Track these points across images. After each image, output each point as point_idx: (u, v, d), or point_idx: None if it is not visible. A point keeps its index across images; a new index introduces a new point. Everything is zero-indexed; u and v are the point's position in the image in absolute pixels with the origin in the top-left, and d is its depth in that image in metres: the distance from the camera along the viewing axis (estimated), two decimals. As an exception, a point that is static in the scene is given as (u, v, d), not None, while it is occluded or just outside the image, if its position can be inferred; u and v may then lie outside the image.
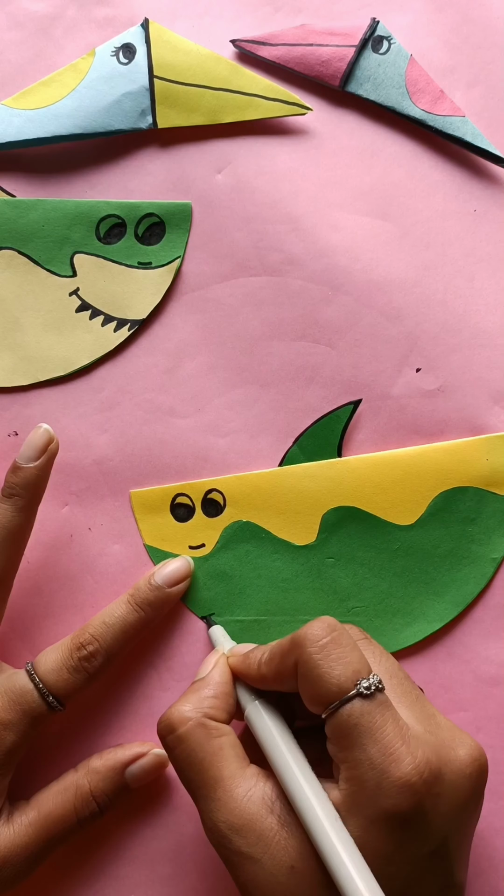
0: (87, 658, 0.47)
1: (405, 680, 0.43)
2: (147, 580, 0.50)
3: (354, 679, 0.39)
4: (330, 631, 0.40)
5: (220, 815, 0.40)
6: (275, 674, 0.42)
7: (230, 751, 0.41)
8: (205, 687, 0.44)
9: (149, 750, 0.49)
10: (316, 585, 0.51)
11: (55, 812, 0.47)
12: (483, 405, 0.52)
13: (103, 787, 0.47)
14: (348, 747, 0.38)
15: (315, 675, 0.39)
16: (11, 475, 0.48)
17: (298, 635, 0.40)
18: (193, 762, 0.41)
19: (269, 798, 0.40)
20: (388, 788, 0.37)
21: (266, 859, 0.38)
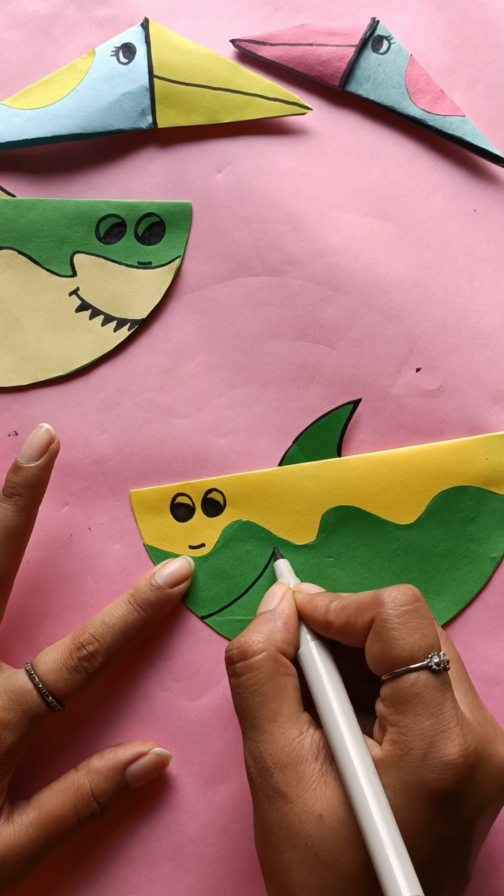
0: (86, 658, 0.47)
1: (462, 669, 0.43)
2: (148, 580, 0.50)
3: (427, 651, 0.39)
4: (414, 600, 0.40)
5: (269, 748, 0.40)
6: (343, 623, 0.42)
7: (293, 692, 0.42)
8: (275, 619, 0.44)
9: (149, 749, 0.49)
10: (315, 584, 0.51)
11: (55, 812, 0.47)
12: (483, 405, 0.52)
13: (104, 787, 0.47)
14: (403, 712, 0.38)
15: (390, 636, 0.39)
16: (12, 475, 0.48)
17: (381, 594, 0.40)
18: (257, 692, 0.42)
19: (317, 745, 0.40)
20: (434, 762, 0.37)
21: (299, 802, 0.39)
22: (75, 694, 0.47)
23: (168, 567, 0.51)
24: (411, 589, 0.41)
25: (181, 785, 0.51)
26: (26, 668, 0.47)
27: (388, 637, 0.39)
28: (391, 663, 0.39)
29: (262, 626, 0.44)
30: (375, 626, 0.40)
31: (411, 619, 0.40)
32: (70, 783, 0.48)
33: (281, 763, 0.40)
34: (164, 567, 0.51)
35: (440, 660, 0.39)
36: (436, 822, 0.38)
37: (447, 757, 0.37)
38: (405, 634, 0.39)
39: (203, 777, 0.51)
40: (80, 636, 0.48)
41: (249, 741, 0.42)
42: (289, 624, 0.44)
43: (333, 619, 0.43)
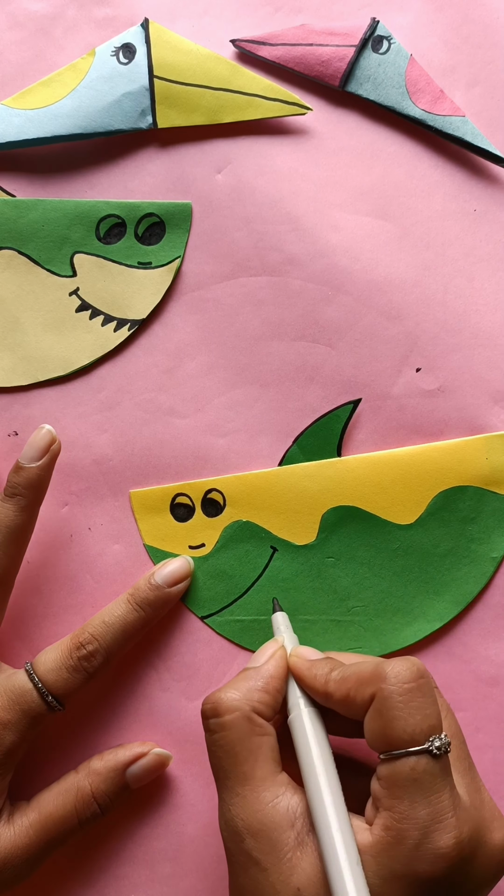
0: (86, 657, 0.47)
1: (463, 745, 0.42)
2: (147, 580, 0.50)
3: (429, 734, 0.38)
4: (418, 676, 0.39)
5: (241, 812, 0.39)
6: (343, 696, 0.40)
7: (268, 752, 0.41)
8: (257, 678, 0.43)
9: (149, 750, 0.49)
10: (316, 585, 0.51)
11: (56, 813, 0.47)
12: (483, 405, 0.52)
13: (104, 788, 0.47)
14: (399, 797, 0.37)
15: (391, 715, 0.38)
16: (14, 475, 0.48)
17: (383, 668, 0.39)
18: (229, 752, 0.41)
19: (293, 812, 0.39)
20: (427, 854, 0.36)
21: (273, 872, 0.38)
22: (75, 693, 0.47)
23: (167, 566, 0.51)
24: (416, 664, 0.39)
25: (181, 785, 0.51)
26: (26, 667, 0.47)
27: (389, 717, 0.38)
28: (390, 744, 0.38)
29: (241, 684, 0.43)
30: (376, 703, 0.38)
31: (414, 697, 0.38)
32: (70, 785, 0.48)
33: (253, 829, 0.39)
34: (163, 566, 0.51)
35: (441, 743, 0.37)
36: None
37: (441, 849, 0.36)
38: (407, 714, 0.38)
39: (203, 777, 0.51)
40: (79, 636, 0.48)
41: (222, 802, 0.41)
42: (270, 685, 0.43)
43: (333, 691, 0.41)
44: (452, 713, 0.43)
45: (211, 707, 0.42)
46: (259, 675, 0.43)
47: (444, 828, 0.36)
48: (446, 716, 0.42)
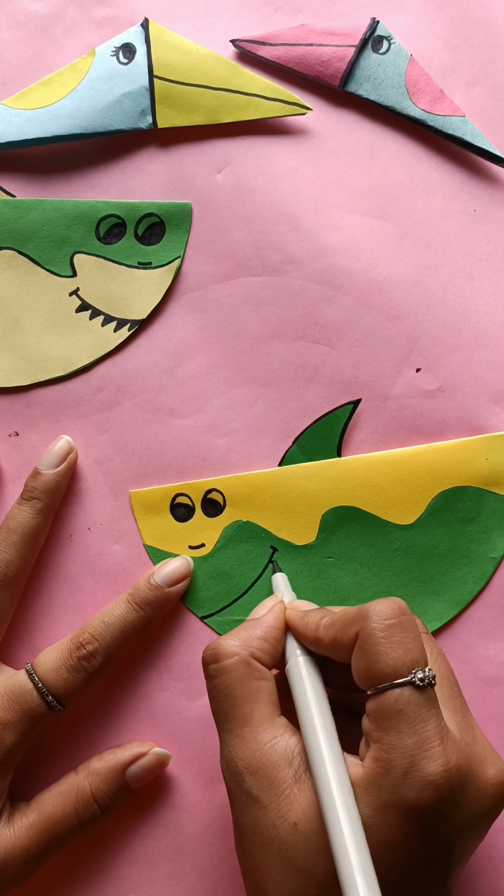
0: (86, 657, 0.47)
1: (454, 686, 0.43)
2: (146, 579, 0.50)
3: (411, 667, 0.38)
4: (399, 613, 0.39)
5: (241, 753, 0.40)
6: (331, 639, 0.41)
7: (266, 696, 0.42)
8: (257, 627, 0.44)
9: (149, 749, 0.49)
10: (316, 585, 0.51)
11: (56, 814, 0.47)
12: (483, 405, 0.52)
13: (104, 789, 0.47)
14: (386, 729, 0.38)
15: (374, 651, 0.39)
16: (32, 480, 0.51)
17: (366, 608, 0.40)
18: (228, 695, 0.42)
19: (290, 751, 0.40)
20: (414, 780, 0.37)
21: (272, 808, 0.39)
22: (75, 693, 0.47)
23: (167, 566, 0.51)
24: (397, 602, 0.40)
25: (181, 785, 0.51)
26: (26, 668, 0.47)
27: (372, 652, 0.39)
28: (375, 678, 0.38)
29: (241, 632, 0.44)
30: (360, 641, 0.39)
31: (395, 632, 0.39)
32: (70, 785, 0.48)
33: (252, 768, 0.40)
34: (162, 566, 0.51)
35: (424, 675, 0.38)
36: (412, 839, 0.37)
37: (428, 776, 0.37)
38: (389, 649, 0.38)
39: (203, 777, 0.51)
40: (79, 636, 0.48)
41: (223, 745, 0.41)
42: (269, 634, 0.44)
43: (322, 636, 0.42)
44: (443, 656, 0.44)
45: (211, 653, 0.43)
46: (258, 625, 0.44)
47: (430, 756, 0.37)
48: (436, 658, 0.43)
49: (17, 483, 0.53)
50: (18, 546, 0.49)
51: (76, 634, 0.48)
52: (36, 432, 0.53)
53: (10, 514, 0.50)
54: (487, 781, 0.39)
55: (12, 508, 0.50)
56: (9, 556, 0.49)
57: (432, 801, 0.37)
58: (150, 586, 0.50)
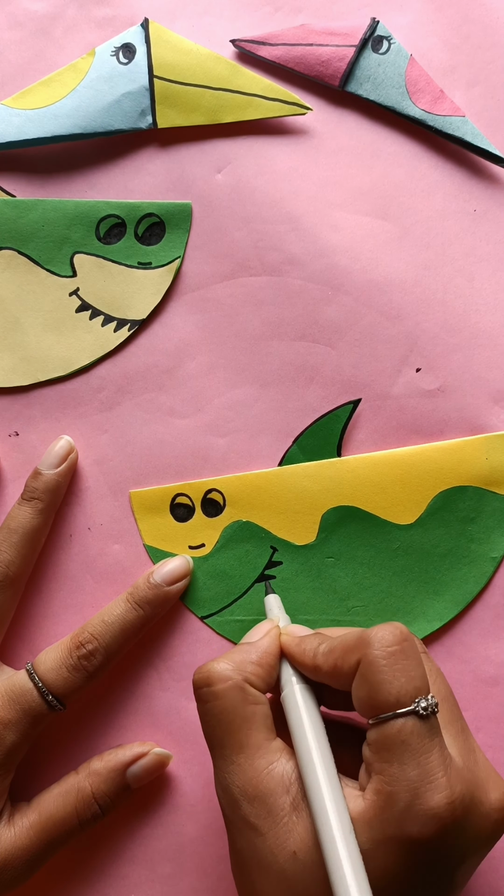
0: (86, 657, 0.47)
1: (454, 708, 0.42)
2: (146, 578, 0.50)
3: (414, 695, 0.38)
4: (401, 640, 0.39)
5: (236, 780, 0.39)
6: (331, 667, 0.40)
7: (261, 720, 0.41)
8: (251, 651, 0.43)
9: (149, 750, 0.49)
10: (316, 585, 0.51)
11: (56, 814, 0.47)
12: (483, 405, 0.52)
13: (104, 789, 0.47)
14: (388, 760, 0.37)
15: (376, 679, 0.38)
16: (32, 480, 0.51)
17: (367, 634, 0.39)
18: (222, 721, 0.41)
19: (287, 777, 0.39)
20: (418, 814, 0.36)
21: (270, 836, 0.38)
22: (76, 693, 0.47)
23: (166, 565, 0.51)
24: (398, 627, 0.39)
25: (181, 785, 0.51)
26: (26, 667, 0.48)
27: (375, 681, 0.38)
28: (377, 708, 0.38)
29: (235, 656, 0.43)
30: (361, 669, 0.38)
31: (398, 660, 0.38)
32: (70, 786, 0.48)
33: (249, 795, 0.39)
34: (162, 565, 0.51)
35: (428, 704, 0.37)
36: (416, 870, 0.37)
37: (432, 809, 0.36)
38: (392, 678, 0.38)
39: (203, 777, 0.51)
40: (79, 635, 0.48)
41: (218, 771, 0.41)
42: (264, 659, 0.43)
43: (321, 664, 0.41)
44: (443, 676, 0.43)
45: (203, 677, 0.42)
46: (253, 649, 0.43)
47: (434, 788, 0.36)
48: (435, 679, 0.42)
49: (17, 483, 0.53)
50: (19, 546, 0.49)
51: (76, 634, 0.48)
52: (36, 432, 0.53)
53: (10, 514, 0.50)
54: (490, 807, 0.39)
55: (13, 508, 0.50)
56: (9, 556, 0.49)
57: (436, 833, 0.36)
58: (149, 585, 0.50)
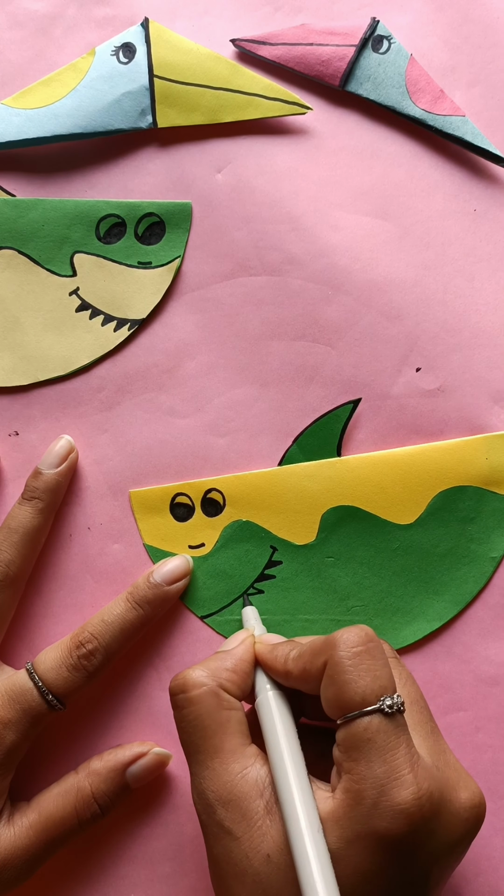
0: (86, 656, 0.47)
1: (425, 710, 0.42)
2: (146, 578, 0.50)
3: (379, 694, 0.38)
4: (366, 641, 0.39)
5: (211, 785, 0.40)
6: (300, 671, 0.41)
7: (236, 726, 0.41)
8: (226, 659, 0.44)
9: (149, 749, 0.49)
10: (315, 584, 0.51)
11: (56, 814, 0.47)
12: (483, 405, 0.52)
13: (104, 789, 0.47)
14: (356, 759, 0.38)
15: (342, 679, 0.38)
16: (33, 480, 0.51)
17: (333, 637, 0.40)
18: (197, 727, 0.41)
19: (261, 782, 0.40)
20: (385, 811, 0.36)
21: (245, 840, 0.38)
22: (75, 692, 0.47)
23: (166, 565, 0.51)
24: (363, 629, 0.40)
25: (181, 785, 0.51)
26: (26, 667, 0.48)
27: (340, 681, 0.38)
28: (344, 707, 0.38)
29: (210, 663, 0.43)
30: (328, 670, 0.39)
31: (363, 660, 0.39)
32: (70, 785, 0.48)
33: (223, 799, 0.39)
34: (162, 565, 0.51)
35: (393, 702, 0.38)
36: (387, 869, 0.37)
37: (399, 805, 0.36)
38: (356, 677, 0.38)
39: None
40: (79, 635, 0.48)
41: (193, 776, 0.41)
42: (239, 666, 0.43)
43: (292, 668, 0.42)
44: (413, 681, 0.43)
45: (178, 683, 0.43)
46: (228, 657, 0.44)
47: (401, 784, 0.37)
48: (405, 684, 0.42)
49: (17, 483, 0.53)
50: (19, 546, 0.49)
51: (76, 633, 0.48)
52: (36, 432, 0.53)
53: (10, 513, 0.50)
54: (461, 806, 0.39)
55: (13, 508, 0.50)
56: (10, 555, 0.49)
57: (405, 829, 0.36)
58: (149, 585, 0.50)
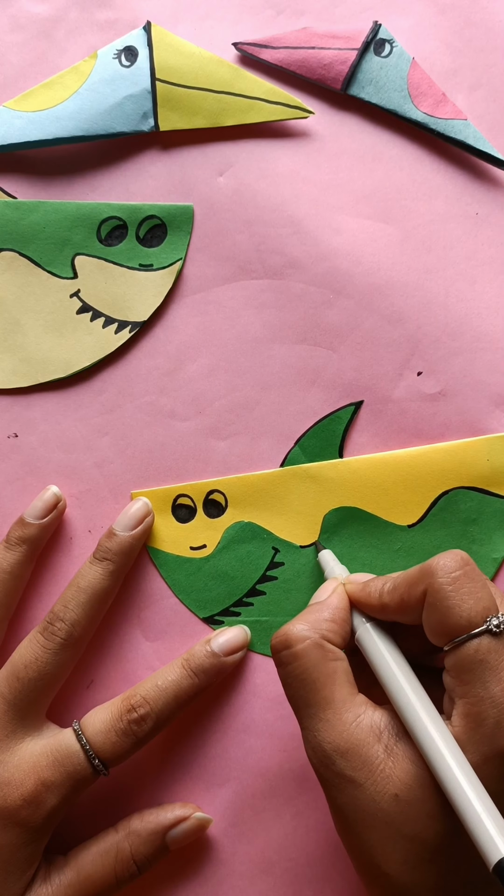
0: (136, 721, 0.46)
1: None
2: (203, 645, 0.49)
3: (484, 615, 0.38)
4: (463, 564, 0.40)
5: (327, 736, 0.40)
6: (398, 602, 0.41)
7: (343, 676, 0.41)
8: (323, 610, 0.43)
9: (191, 814, 0.48)
10: (318, 586, 0.51)
11: (95, 875, 0.46)
12: (484, 409, 0.52)
13: (144, 851, 0.47)
14: (470, 682, 0.38)
15: (445, 605, 0.39)
16: (106, 540, 0.50)
17: (429, 565, 0.40)
18: (306, 681, 0.41)
19: (377, 726, 0.40)
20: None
21: (369, 785, 0.38)
22: (122, 758, 0.46)
23: (224, 635, 0.50)
24: (459, 553, 0.40)
25: (181, 788, 0.50)
26: (73, 727, 0.47)
27: (443, 607, 0.39)
28: (450, 632, 0.39)
29: (308, 616, 0.43)
30: (429, 598, 0.39)
31: (463, 584, 0.39)
32: (110, 846, 0.47)
33: (342, 749, 0.39)
34: (219, 634, 0.50)
35: (499, 621, 0.38)
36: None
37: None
38: (460, 601, 0.39)
39: (203, 780, 0.50)
40: (130, 698, 0.47)
41: (306, 731, 0.41)
42: (336, 615, 0.43)
43: (388, 601, 0.42)
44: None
45: (281, 640, 0.42)
46: (323, 607, 0.44)
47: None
48: (503, 601, 0.42)
49: (16, 484, 0.53)
50: (86, 606, 0.48)
51: (127, 696, 0.47)
52: (36, 434, 0.53)
53: (81, 572, 0.50)
54: None
55: (84, 566, 0.50)
56: (76, 615, 0.48)
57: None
58: (206, 653, 0.49)
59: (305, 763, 0.50)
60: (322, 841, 0.50)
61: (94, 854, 0.47)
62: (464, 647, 0.38)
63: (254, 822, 0.50)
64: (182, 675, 0.48)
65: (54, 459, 0.53)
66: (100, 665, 0.52)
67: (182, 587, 0.52)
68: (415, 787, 0.38)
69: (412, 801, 0.38)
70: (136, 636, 0.52)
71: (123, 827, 0.48)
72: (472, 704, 0.38)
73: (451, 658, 0.39)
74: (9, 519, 0.52)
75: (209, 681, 0.49)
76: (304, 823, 0.50)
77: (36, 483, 0.53)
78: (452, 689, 0.39)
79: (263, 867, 0.50)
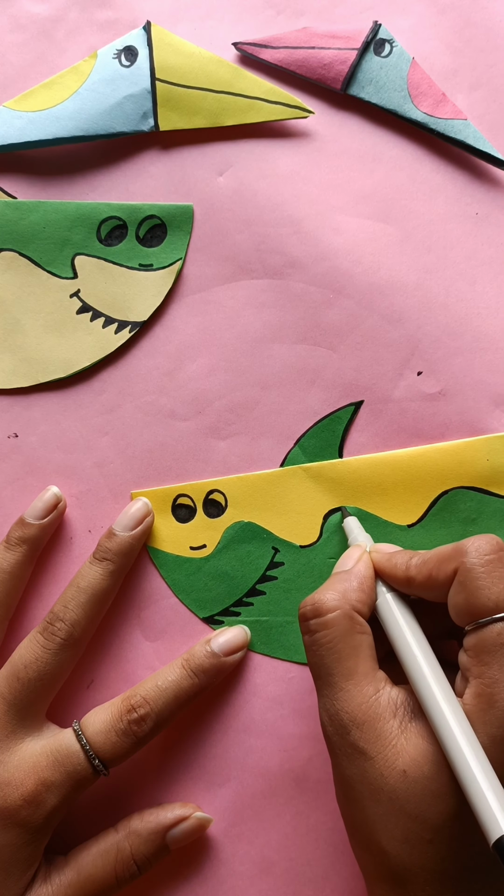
0: (136, 721, 0.46)
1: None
2: (203, 646, 0.49)
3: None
4: (498, 549, 0.40)
5: (346, 706, 0.40)
6: (425, 577, 0.42)
7: (368, 650, 0.42)
8: (351, 579, 0.44)
9: (191, 814, 0.48)
10: (318, 585, 0.50)
11: (95, 875, 0.46)
12: (484, 409, 0.52)
13: (144, 851, 0.47)
14: (487, 663, 0.38)
15: (474, 585, 0.39)
16: (106, 540, 0.50)
17: (463, 544, 0.41)
18: (332, 650, 0.41)
19: (394, 702, 0.40)
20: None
21: (379, 758, 0.39)
22: (122, 758, 0.46)
23: (224, 635, 0.50)
24: (494, 538, 0.41)
25: (181, 788, 0.50)
26: (74, 727, 0.47)
27: (473, 587, 0.39)
28: (475, 613, 0.39)
29: (337, 585, 0.44)
30: (459, 576, 0.40)
31: (496, 567, 0.39)
32: (110, 846, 0.47)
33: (358, 720, 0.40)
34: (219, 634, 0.50)
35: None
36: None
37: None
38: (490, 584, 0.39)
39: (203, 780, 0.50)
40: (130, 698, 0.47)
41: (325, 699, 0.41)
42: (364, 584, 0.44)
43: (415, 575, 0.42)
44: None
45: (311, 608, 0.43)
46: (351, 576, 0.44)
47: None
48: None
49: (16, 485, 0.53)
50: (86, 607, 0.48)
51: (127, 696, 0.48)
52: (36, 434, 0.53)
53: (80, 572, 0.50)
54: None
55: (84, 567, 0.50)
56: (76, 615, 0.48)
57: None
58: (206, 653, 0.49)
59: (305, 763, 0.50)
60: (322, 841, 0.50)
61: (95, 854, 0.47)
62: (487, 628, 0.39)
63: (254, 822, 0.50)
64: (182, 675, 0.48)
65: (54, 459, 0.53)
66: (100, 665, 0.52)
67: (182, 587, 0.52)
68: (423, 764, 0.38)
69: (419, 779, 0.38)
70: (136, 636, 0.52)
71: (123, 827, 0.48)
72: (487, 686, 0.38)
73: (472, 638, 0.39)
74: (9, 519, 0.52)
75: (209, 681, 0.49)
76: (304, 823, 0.50)
77: (36, 483, 0.53)
78: (468, 668, 0.39)
79: (263, 867, 0.50)
